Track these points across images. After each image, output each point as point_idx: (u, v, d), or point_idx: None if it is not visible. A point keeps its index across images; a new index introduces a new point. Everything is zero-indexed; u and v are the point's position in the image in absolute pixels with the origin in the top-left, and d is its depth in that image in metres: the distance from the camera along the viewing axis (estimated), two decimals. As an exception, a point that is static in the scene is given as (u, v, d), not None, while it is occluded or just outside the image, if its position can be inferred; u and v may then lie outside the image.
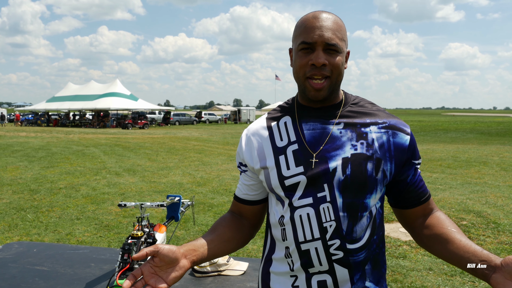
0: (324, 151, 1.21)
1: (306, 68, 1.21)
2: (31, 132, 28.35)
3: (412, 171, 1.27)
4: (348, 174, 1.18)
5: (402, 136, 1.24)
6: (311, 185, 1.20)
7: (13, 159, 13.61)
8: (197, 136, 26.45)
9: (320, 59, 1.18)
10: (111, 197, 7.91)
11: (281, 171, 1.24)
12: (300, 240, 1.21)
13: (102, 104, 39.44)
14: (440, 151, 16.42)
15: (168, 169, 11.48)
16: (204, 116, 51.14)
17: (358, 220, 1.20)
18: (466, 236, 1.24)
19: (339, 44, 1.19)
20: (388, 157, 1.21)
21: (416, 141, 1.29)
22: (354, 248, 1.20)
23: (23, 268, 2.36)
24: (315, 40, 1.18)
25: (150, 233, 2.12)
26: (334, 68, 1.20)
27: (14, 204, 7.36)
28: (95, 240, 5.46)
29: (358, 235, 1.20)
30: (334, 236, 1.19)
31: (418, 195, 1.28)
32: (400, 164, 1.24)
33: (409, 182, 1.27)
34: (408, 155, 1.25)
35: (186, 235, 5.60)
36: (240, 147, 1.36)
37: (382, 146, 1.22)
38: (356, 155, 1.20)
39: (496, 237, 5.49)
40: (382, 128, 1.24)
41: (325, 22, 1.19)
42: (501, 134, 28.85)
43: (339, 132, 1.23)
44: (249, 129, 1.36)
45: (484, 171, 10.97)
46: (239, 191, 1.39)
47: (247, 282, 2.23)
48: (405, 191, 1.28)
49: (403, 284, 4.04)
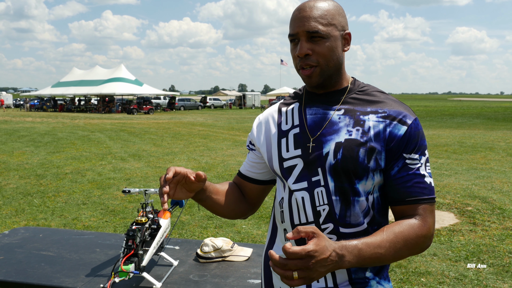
0: (321, 136, 1.23)
1: (296, 60, 1.25)
2: (37, 118, 28.48)
3: (399, 165, 1.18)
4: (338, 158, 1.19)
5: (398, 126, 1.19)
6: (306, 169, 1.23)
7: (20, 144, 13.69)
8: (202, 121, 26.46)
9: (302, 50, 1.21)
10: (116, 182, 7.95)
11: (281, 153, 1.29)
12: (295, 223, 1.25)
13: (107, 89, 39.46)
14: (446, 136, 16.33)
15: (173, 154, 11.51)
16: (209, 101, 51.05)
17: (351, 204, 1.20)
18: (389, 240, 1.11)
19: (322, 30, 1.19)
20: (383, 147, 1.19)
21: (419, 135, 1.20)
22: (348, 232, 1.20)
23: (29, 253, 2.38)
24: (296, 31, 1.22)
25: (154, 219, 2.12)
26: (320, 56, 1.21)
27: (21, 189, 7.42)
28: (101, 225, 5.50)
29: (353, 220, 1.20)
30: (327, 220, 1.20)
31: (399, 193, 1.18)
32: (390, 155, 1.19)
33: (392, 175, 1.19)
34: (400, 147, 1.18)
35: (191, 220, 5.63)
36: (252, 129, 1.43)
37: (378, 135, 1.19)
38: (349, 140, 1.20)
39: (501, 222, 5.48)
40: (380, 117, 1.21)
41: (306, 12, 1.21)
42: (508, 119, 28.62)
43: (338, 117, 1.24)
44: (263, 114, 1.43)
45: (490, 156, 10.91)
46: (243, 167, 1.45)
47: (251, 268, 2.24)
48: (387, 184, 1.21)
49: (407, 269, 4.05)
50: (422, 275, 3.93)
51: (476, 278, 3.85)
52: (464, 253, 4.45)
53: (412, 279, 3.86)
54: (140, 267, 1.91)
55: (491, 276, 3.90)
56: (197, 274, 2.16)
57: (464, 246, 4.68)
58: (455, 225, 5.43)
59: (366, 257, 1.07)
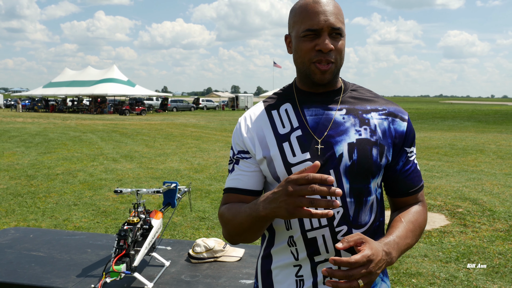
0: (329, 137, 1.20)
1: (312, 53, 1.19)
2: (28, 118, 28.24)
3: (404, 159, 1.25)
4: (355, 159, 1.18)
5: (400, 122, 1.25)
6: (317, 172, 1.18)
7: (10, 144, 13.57)
8: (195, 122, 26.40)
9: (328, 45, 1.17)
10: (108, 183, 7.91)
11: (286, 158, 1.21)
12: (306, 228, 1.20)
13: (99, 90, 39.22)
14: (437, 138, 16.45)
15: (165, 156, 11.48)
16: (201, 103, 50.92)
17: (363, 205, 1.20)
18: (411, 229, 1.20)
19: (342, 28, 1.19)
20: (390, 143, 1.23)
21: (413, 129, 1.28)
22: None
23: (19, 253, 2.36)
24: (321, 26, 1.17)
25: (146, 219, 2.12)
26: (338, 53, 1.20)
27: (11, 189, 7.35)
28: (92, 226, 5.47)
29: (363, 220, 1.21)
30: (341, 223, 1.19)
31: (405, 186, 1.27)
32: (396, 151, 1.24)
33: (398, 170, 1.26)
34: (403, 142, 1.24)
35: (183, 222, 5.62)
36: (239, 135, 1.28)
37: (384, 133, 1.22)
38: (361, 140, 1.20)
39: (492, 224, 5.53)
40: (382, 115, 1.24)
41: (328, 7, 1.18)
42: (498, 122, 28.89)
43: (342, 117, 1.23)
44: (248, 117, 1.30)
45: (480, 159, 11.00)
46: (239, 182, 1.26)
47: (243, 268, 2.24)
48: (393, 178, 1.27)
49: (398, 270, 4.07)
50: (413, 276, 3.95)
51: (467, 279, 3.88)
52: (455, 254, 4.49)
53: (403, 280, 3.88)
54: (132, 267, 1.90)
55: (481, 277, 3.93)
56: (189, 274, 2.15)
57: (455, 247, 4.71)
58: (446, 226, 5.48)
59: (402, 249, 1.15)
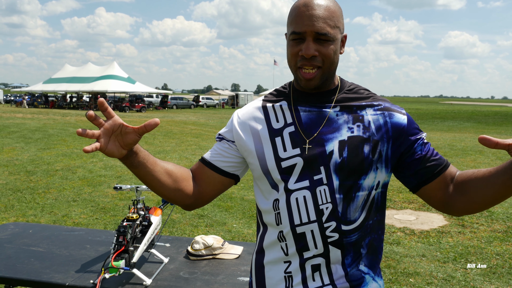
0: (321, 134, 1.22)
1: (297, 58, 1.20)
2: (28, 114, 28.22)
3: (420, 146, 1.22)
4: (344, 156, 1.19)
5: (398, 116, 1.24)
6: (307, 168, 1.21)
7: (10, 140, 13.57)
8: (195, 120, 26.39)
9: (309, 51, 1.16)
10: (107, 180, 7.92)
11: (277, 152, 1.24)
12: (295, 223, 1.21)
13: (99, 87, 39.18)
14: (437, 139, 16.45)
15: (165, 153, 11.48)
16: (201, 101, 50.90)
17: (352, 201, 1.20)
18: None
19: (330, 33, 1.17)
20: (385, 138, 1.22)
21: (412, 119, 1.27)
22: (348, 229, 1.21)
23: (18, 248, 2.37)
24: (304, 30, 1.16)
25: (145, 216, 2.12)
26: (325, 58, 1.18)
27: (11, 185, 7.36)
28: (91, 222, 5.48)
29: (352, 216, 1.21)
30: (330, 218, 1.20)
31: (434, 166, 1.21)
32: (399, 144, 1.22)
33: (421, 157, 1.22)
34: (410, 133, 1.23)
35: (182, 219, 5.63)
36: (233, 125, 1.32)
37: (380, 128, 1.22)
38: (352, 137, 1.20)
39: (490, 225, 5.54)
40: (378, 110, 1.24)
41: (316, 11, 1.16)
42: (498, 123, 28.90)
43: (335, 114, 1.24)
44: (243, 111, 1.34)
45: (480, 160, 11.01)
46: (207, 155, 1.34)
47: (242, 266, 2.25)
48: (420, 166, 1.22)
49: (396, 270, 4.08)
50: (411, 276, 3.97)
51: (464, 279, 3.89)
52: (453, 255, 4.50)
53: (400, 279, 3.89)
54: (131, 263, 1.91)
55: (478, 277, 3.94)
56: (187, 271, 2.16)
57: (453, 247, 4.72)
58: (444, 226, 5.49)
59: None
